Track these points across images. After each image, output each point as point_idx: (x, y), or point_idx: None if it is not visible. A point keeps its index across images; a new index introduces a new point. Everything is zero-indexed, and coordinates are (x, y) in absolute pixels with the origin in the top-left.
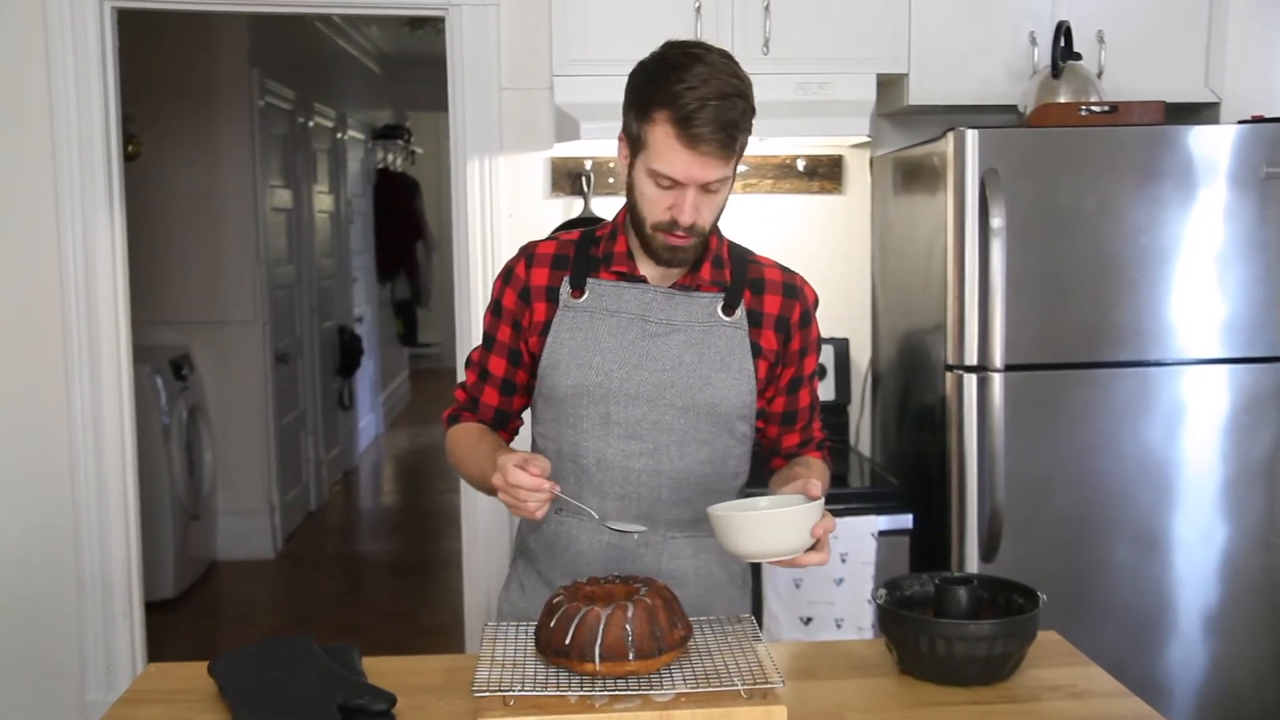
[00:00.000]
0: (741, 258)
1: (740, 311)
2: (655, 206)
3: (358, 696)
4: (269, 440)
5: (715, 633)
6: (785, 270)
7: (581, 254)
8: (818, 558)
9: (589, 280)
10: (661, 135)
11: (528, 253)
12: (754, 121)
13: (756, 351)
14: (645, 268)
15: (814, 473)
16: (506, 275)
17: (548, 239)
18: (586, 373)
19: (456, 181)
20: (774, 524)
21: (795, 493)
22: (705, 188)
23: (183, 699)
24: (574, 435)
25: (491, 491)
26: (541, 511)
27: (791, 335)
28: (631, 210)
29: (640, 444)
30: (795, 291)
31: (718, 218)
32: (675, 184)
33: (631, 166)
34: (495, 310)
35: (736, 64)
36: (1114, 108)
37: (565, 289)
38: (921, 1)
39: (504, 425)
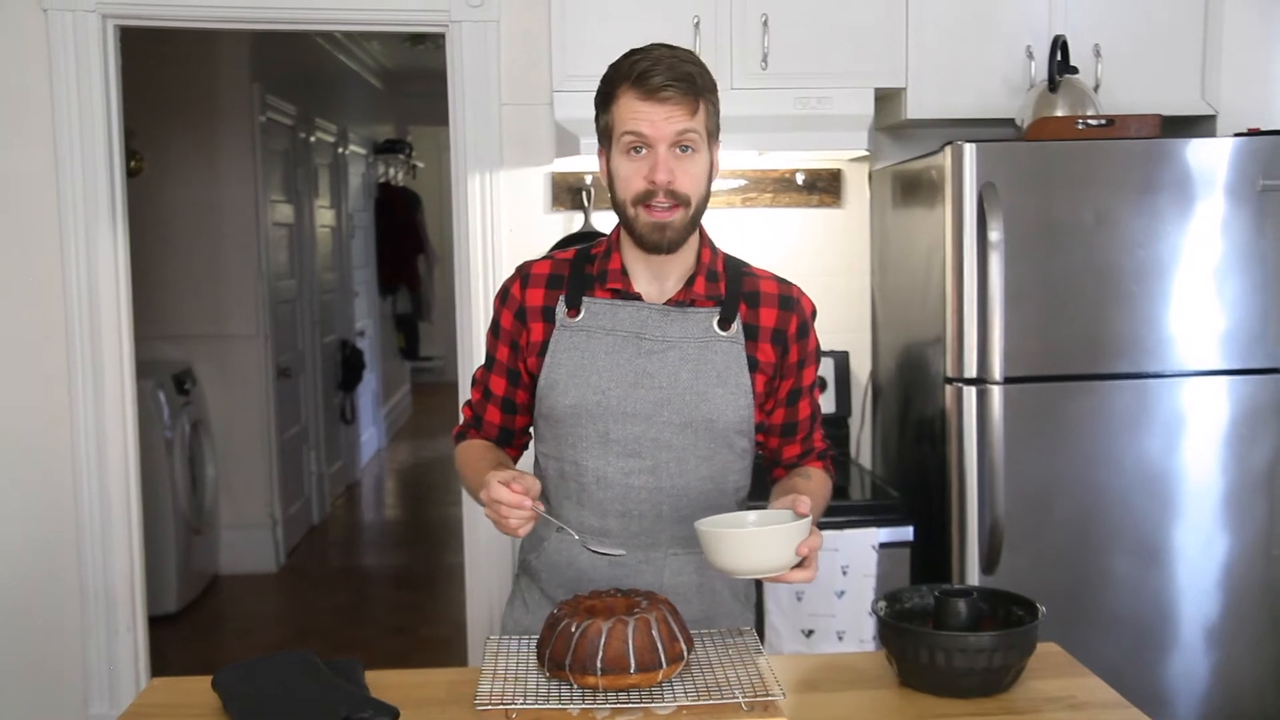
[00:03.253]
0: (737, 270)
1: (736, 326)
2: (632, 181)
3: (361, 710)
4: (271, 454)
5: (716, 645)
6: (782, 282)
7: (576, 273)
8: (803, 575)
9: (584, 299)
10: (624, 103)
11: (523, 273)
12: (753, 136)
13: (754, 365)
14: (641, 284)
15: (813, 484)
16: (503, 296)
17: (542, 259)
18: (584, 392)
19: (457, 196)
20: (758, 542)
21: (785, 508)
22: (677, 146)
23: (187, 713)
24: (574, 454)
25: None
26: (523, 529)
27: (789, 347)
28: (615, 205)
29: (639, 461)
30: (792, 303)
31: (703, 197)
32: (646, 146)
33: (608, 163)
34: (494, 330)
35: (697, 57)
36: (1111, 121)
37: (561, 308)
38: (919, 16)
39: (509, 443)
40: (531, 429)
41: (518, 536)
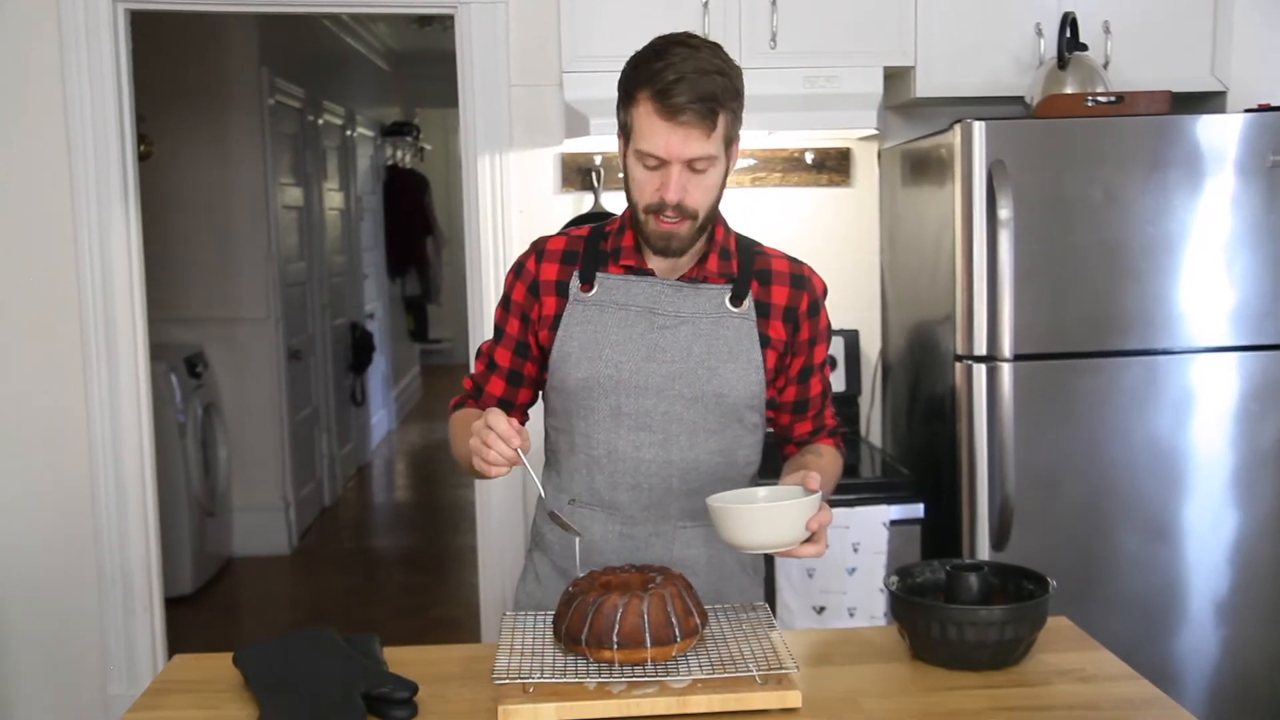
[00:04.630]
0: (749, 249)
1: (748, 303)
2: (644, 189)
3: (381, 685)
4: (283, 436)
5: (730, 620)
6: (793, 260)
7: (590, 249)
8: (813, 550)
9: (598, 274)
10: (643, 114)
11: (538, 248)
12: (762, 115)
13: (765, 342)
14: (653, 261)
15: (824, 461)
16: (517, 269)
17: (558, 234)
18: (596, 365)
19: (467, 177)
20: (769, 517)
21: (795, 484)
22: (691, 166)
23: (209, 689)
24: (585, 427)
25: (474, 471)
26: (497, 470)
27: (800, 325)
28: (627, 198)
29: (650, 435)
30: (803, 281)
31: (714, 205)
32: (661, 163)
33: (625, 156)
34: (505, 304)
35: (724, 52)
36: (1120, 98)
37: (575, 283)
38: None
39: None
40: (539, 403)
41: (489, 476)
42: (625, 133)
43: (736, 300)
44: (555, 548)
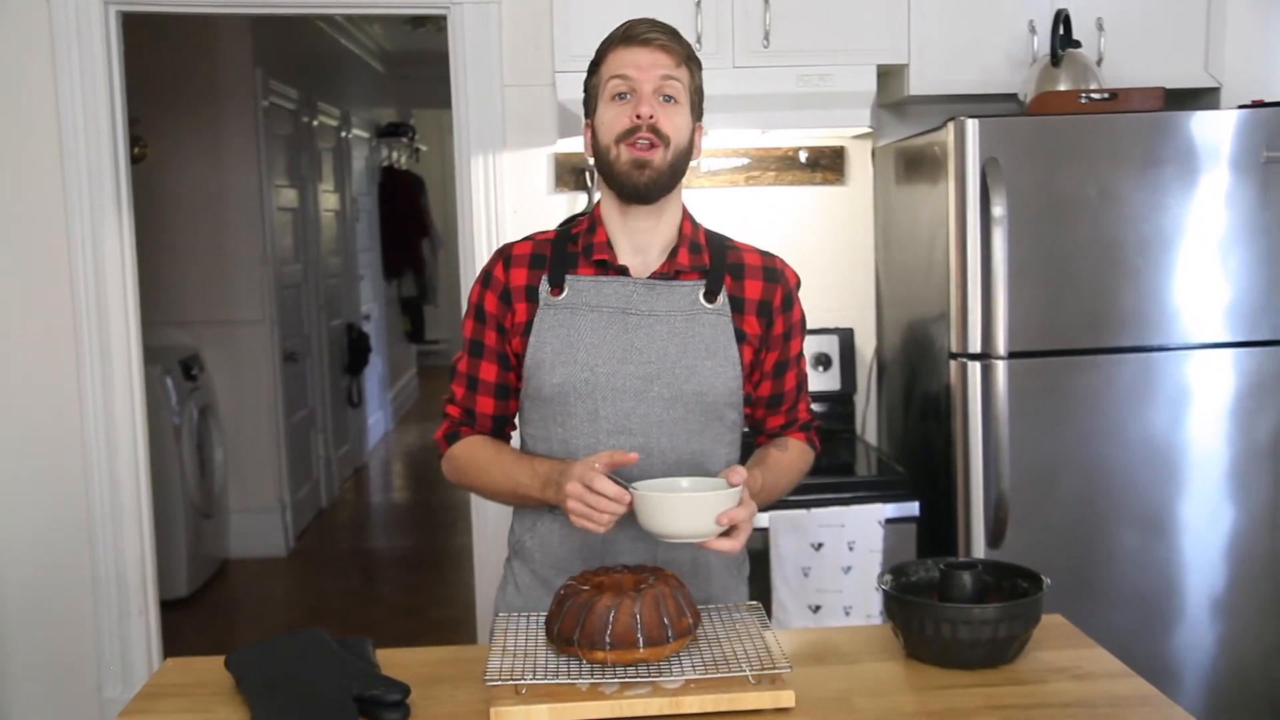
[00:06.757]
0: (719, 244)
1: (722, 298)
2: (617, 121)
3: (372, 687)
4: (279, 438)
5: (723, 620)
6: (765, 254)
7: (558, 251)
8: (727, 544)
9: (567, 277)
10: (613, 57)
11: (504, 254)
12: (755, 114)
13: (740, 338)
14: (625, 257)
15: (788, 455)
16: (485, 279)
17: (523, 239)
18: (571, 369)
19: (461, 178)
20: (675, 507)
21: (726, 477)
22: (660, 94)
23: (201, 692)
24: (563, 433)
25: (524, 501)
26: (609, 526)
27: (774, 319)
28: (597, 157)
29: (630, 438)
30: (776, 275)
31: (685, 148)
32: (631, 91)
33: (593, 125)
34: (477, 316)
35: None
36: (1114, 95)
37: (544, 287)
38: None
39: (500, 433)
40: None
41: (602, 531)
42: (593, 97)
43: (710, 296)
44: (536, 556)
